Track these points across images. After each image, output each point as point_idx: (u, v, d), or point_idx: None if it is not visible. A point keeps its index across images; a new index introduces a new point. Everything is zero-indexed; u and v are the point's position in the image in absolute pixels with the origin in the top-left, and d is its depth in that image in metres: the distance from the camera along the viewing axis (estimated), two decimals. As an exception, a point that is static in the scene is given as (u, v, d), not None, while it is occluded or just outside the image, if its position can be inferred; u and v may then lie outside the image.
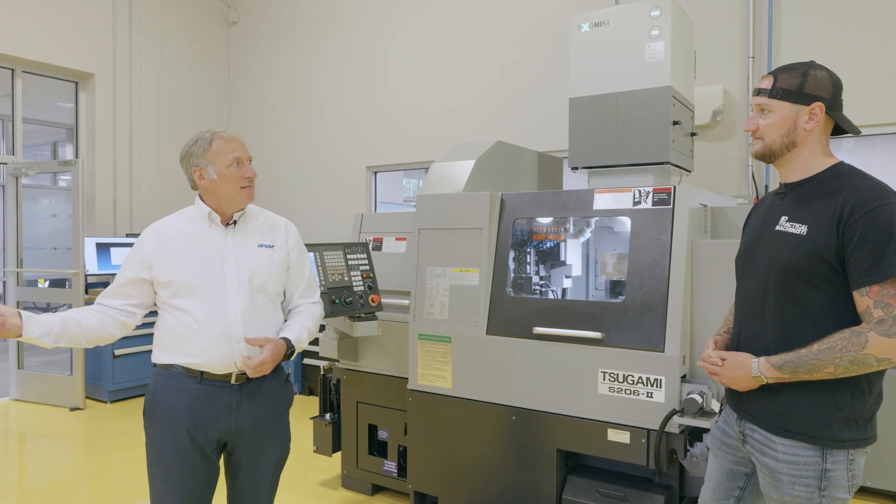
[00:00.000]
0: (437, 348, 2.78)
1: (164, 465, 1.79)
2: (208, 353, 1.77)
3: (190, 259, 1.80)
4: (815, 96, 1.49)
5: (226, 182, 1.81)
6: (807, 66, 1.52)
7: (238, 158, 1.82)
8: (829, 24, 3.80)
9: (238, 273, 1.82)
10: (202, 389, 1.78)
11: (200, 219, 1.86)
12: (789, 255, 1.47)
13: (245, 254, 1.86)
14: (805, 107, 1.49)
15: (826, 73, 1.52)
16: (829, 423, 1.44)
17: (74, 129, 5.82)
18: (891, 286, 1.36)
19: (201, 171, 1.81)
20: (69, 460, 3.92)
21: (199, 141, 1.82)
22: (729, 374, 1.55)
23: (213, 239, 1.84)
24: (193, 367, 1.78)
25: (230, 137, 1.84)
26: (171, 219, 1.90)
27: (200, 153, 1.81)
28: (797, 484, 1.46)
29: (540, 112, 4.78)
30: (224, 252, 1.83)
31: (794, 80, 1.51)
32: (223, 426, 1.80)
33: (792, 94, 1.50)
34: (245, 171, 1.83)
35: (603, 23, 2.96)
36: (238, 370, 1.81)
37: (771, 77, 1.55)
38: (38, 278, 6.30)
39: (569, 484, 2.52)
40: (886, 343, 1.35)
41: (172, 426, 1.77)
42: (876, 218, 1.37)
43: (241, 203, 1.86)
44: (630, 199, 2.48)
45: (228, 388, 1.81)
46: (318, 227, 5.95)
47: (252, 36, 6.56)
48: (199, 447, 1.79)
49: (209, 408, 1.78)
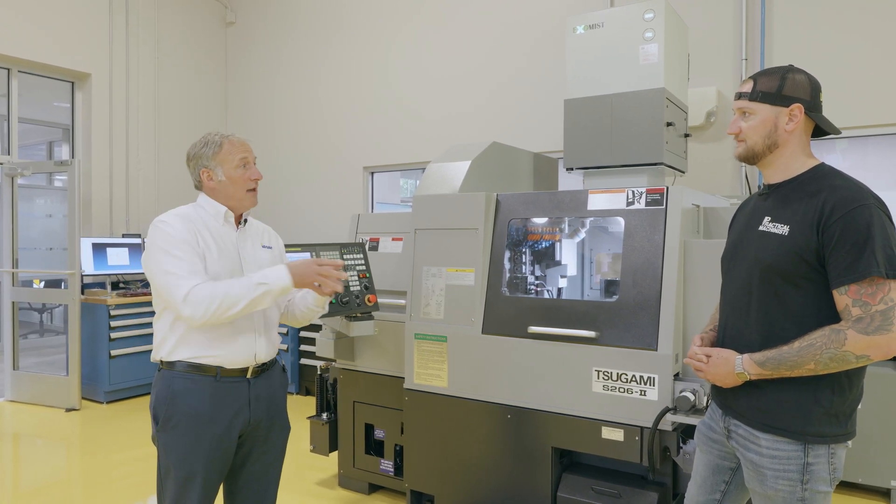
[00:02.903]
0: (433, 348, 2.80)
1: (187, 467, 1.78)
2: (233, 349, 1.82)
3: (219, 255, 1.83)
4: (794, 98, 1.53)
5: (234, 184, 1.87)
6: (785, 70, 1.57)
7: (245, 159, 1.89)
8: (821, 26, 3.84)
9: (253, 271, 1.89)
10: (221, 387, 1.81)
11: (215, 217, 1.89)
12: (772, 255, 1.51)
13: (255, 253, 1.95)
14: (784, 108, 1.54)
15: (804, 75, 1.56)
16: (810, 419, 1.47)
17: (70, 129, 5.82)
18: (868, 285, 1.39)
19: (210, 173, 1.87)
20: (65, 461, 3.92)
21: (210, 143, 1.87)
22: (713, 370, 1.59)
23: (231, 237, 1.90)
24: (213, 364, 1.80)
25: (238, 141, 1.91)
26: (184, 210, 1.87)
27: (210, 155, 1.86)
28: (780, 478, 1.49)
29: (537, 114, 4.80)
30: (241, 251, 1.90)
31: (773, 83, 1.55)
32: (243, 420, 1.85)
33: (771, 96, 1.54)
34: (252, 173, 1.90)
35: (597, 25, 2.98)
36: (256, 363, 1.87)
37: (751, 81, 1.59)
38: (34, 279, 6.29)
39: (563, 481, 2.54)
40: (864, 340, 1.39)
41: (195, 428, 1.78)
42: (854, 218, 1.40)
43: (246, 205, 1.92)
44: (624, 199, 2.50)
45: (245, 383, 1.86)
46: (316, 227, 5.96)
47: (249, 36, 6.56)
48: (223, 446, 1.82)
49: (230, 405, 1.82)
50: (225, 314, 1.71)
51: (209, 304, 1.68)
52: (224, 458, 1.84)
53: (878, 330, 1.38)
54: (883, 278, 1.38)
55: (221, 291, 1.70)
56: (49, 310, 7.90)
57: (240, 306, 1.71)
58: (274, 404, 1.95)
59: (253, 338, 1.87)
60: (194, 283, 1.71)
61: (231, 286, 1.72)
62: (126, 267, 5.32)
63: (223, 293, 1.69)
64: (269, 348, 1.92)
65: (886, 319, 1.38)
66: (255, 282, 1.73)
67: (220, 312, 1.70)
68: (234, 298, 1.70)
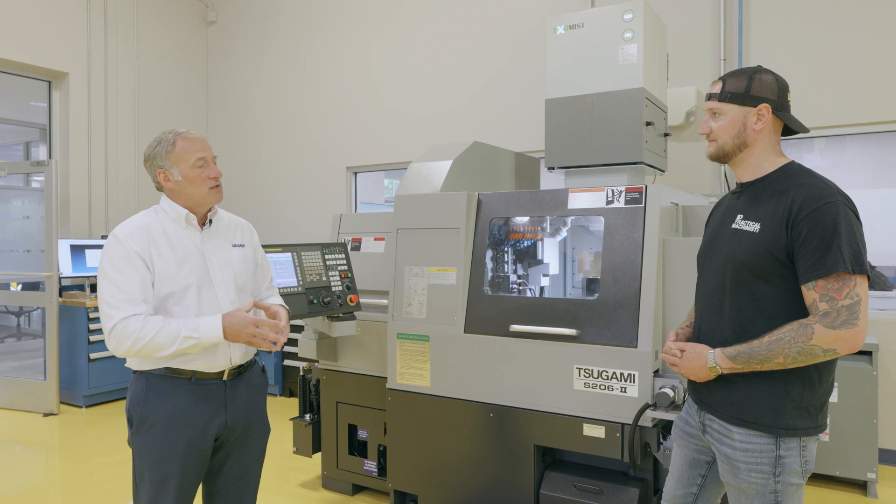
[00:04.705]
0: (415, 347, 2.80)
1: (161, 471, 1.76)
2: (207, 356, 1.78)
3: (182, 261, 1.79)
4: (762, 98, 1.57)
5: (192, 183, 1.80)
6: (753, 71, 1.61)
7: (203, 158, 1.81)
8: (798, 27, 3.91)
9: (223, 273, 1.85)
10: (196, 390, 1.79)
11: (176, 220, 1.83)
12: (744, 252, 1.55)
13: (225, 254, 1.89)
14: (752, 108, 1.58)
15: (771, 76, 1.60)
16: (781, 412, 1.51)
17: (48, 129, 5.71)
18: (835, 280, 1.43)
19: (166, 173, 1.80)
20: (43, 467, 3.85)
21: (162, 142, 1.80)
22: (687, 364, 1.62)
23: (194, 240, 1.84)
24: (187, 369, 1.77)
25: (194, 137, 1.82)
26: (142, 219, 1.82)
27: (164, 154, 1.79)
28: (753, 471, 1.53)
29: (519, 113, 4.82)
30: (206, 253, 1.84)
31: (741, 83, 1.59)
32: (219, 423, 1.82)
33: (740, 96, 1.58)
34: (210, 172, 1.82)
35: (577, 25, 3.01)
36: (232, 366, 1.84)
37: (720, 82, 1.63)
38: (10, 281, 6.16)
39: (546, 479, 2.56)
40: (831, 335, 1.43)
41: (170, 431, 1.75)
42: (821, 216, 1.44)
43: (209, 202, 1.86)
44: (604, 198, 2.52)
45: (221, 385, 1.83)
46: (298, 228, 5.92)
47: (231, 35, 6.50)
48: (198, 448, 1.79)
49: (206, 407, 1.79)
50: (150, 355, 1.70)
51: (133, 343, 1.66)
52: (199, 462, 1.81)
53: (844, 324, 1.42)
54: (849, 274, 1.42)
55: (148, 334, 1.66)
56: (26, 313, 7.75)
57: (166, 353, 1.69)
58: (252, 406, 1.92)
59: (225, 345, 1.80)
60: (125, 314, 1.67)
61: (161, 330, 1.67)
62: (105, 269, 5.23)
63: (149, 336, 1.66)
64: (244, 350, 1.88)
65: (852, 314, 1.42)
66: (184, 334, 1.68)
67: (145, 353, 1.68)
68: (158, 344, 1.67)
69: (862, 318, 1.42)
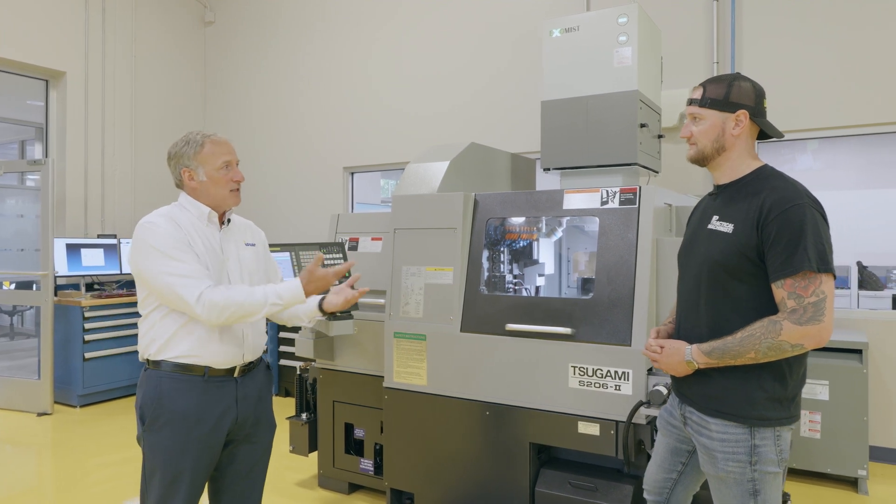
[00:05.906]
0: (412, 346, 2.82)
1: (174, 467, 1.78)
2: (221, 349, 1.83)
3: (204, 256, 1.83)
4: (740, 105, 1.65)
5: (216, 184, 1.86)
6: (732, 78, 1.68)
7: (228, 162, 1.88)
8: (790, 31, 3.96)
9: (240, 271, 1.91)
10: (209, 387, 1.82)
11: (199, 218, 1.88)
12: (718, 252, 1.62)
13: (239, 252, 1.95)
14: (731, 114, 1.65)
15: (750, 83, 1.68)
16: (754, 404, 1.58)
17: (44, 128, 5.70)
18: (802, 279, 1.49)
19: (191, 173, 1.86)
20: (37, 467, 3.84)
21: (191, 143, 1.85)
22: (666, 360, 1.69)
23: (215, 238, 1.89)
24: (200, 364, 1.80)
25: (221, 141, 1.89)
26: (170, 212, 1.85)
27: (192, 155, 1.85)
28: (730, 460, 1.60)
29: (515, 115, 4.85)
30: (225, 251, 1.90)
31: (720, 90, 1.66)
32: (231, 419, 1.85)
33: (719, 102, 1.66)
34: (234, 175, 1.89)
35: (573, 28, 3.04)
36: (244, 363, 1.90)
37: (701, 88, 1.70)
38: (4, 280, 6.14)
39: (542, 477, 2.58)
40: (798, 331, 1.49)
41: (183, 428, 1.78)
42: (790, 217, 1.51)
43: (229, 204, 1.92)
44: (598, 199, 2.55)
45: (232, 382, 1.87)
46: (296, 228, 5.93)
47: (229, 36, 6.51)
48: (210, 445, 1.82)
49: (218, 404, 1.83)
50: (238, 321, 1.79)
51: (223, 310, 1.73)
52: (211, 458, 1.84)
53: (810, 321, 1.48)
54: (815, 272, 1.48)
55: (237, 301, 1.75)
56: (20, 312, 7.72)
57: (254, 317, 1.79)
58: (260, 402, 1.96)
59: (241, 337, 1.88)
60: (204, 285, 1.74)
61: (248, 296, 1.77)
62: (101, 268, 5.23)
63: (239, 303, 1.75)
64: (256, 347, 1.94)
65: (818, 311, 1.48)
66: (271, 301, 1.79)
67: (234, 319, 1.77)
68: (248, 309, 1.76)
69: (828, 315, 1.49)
